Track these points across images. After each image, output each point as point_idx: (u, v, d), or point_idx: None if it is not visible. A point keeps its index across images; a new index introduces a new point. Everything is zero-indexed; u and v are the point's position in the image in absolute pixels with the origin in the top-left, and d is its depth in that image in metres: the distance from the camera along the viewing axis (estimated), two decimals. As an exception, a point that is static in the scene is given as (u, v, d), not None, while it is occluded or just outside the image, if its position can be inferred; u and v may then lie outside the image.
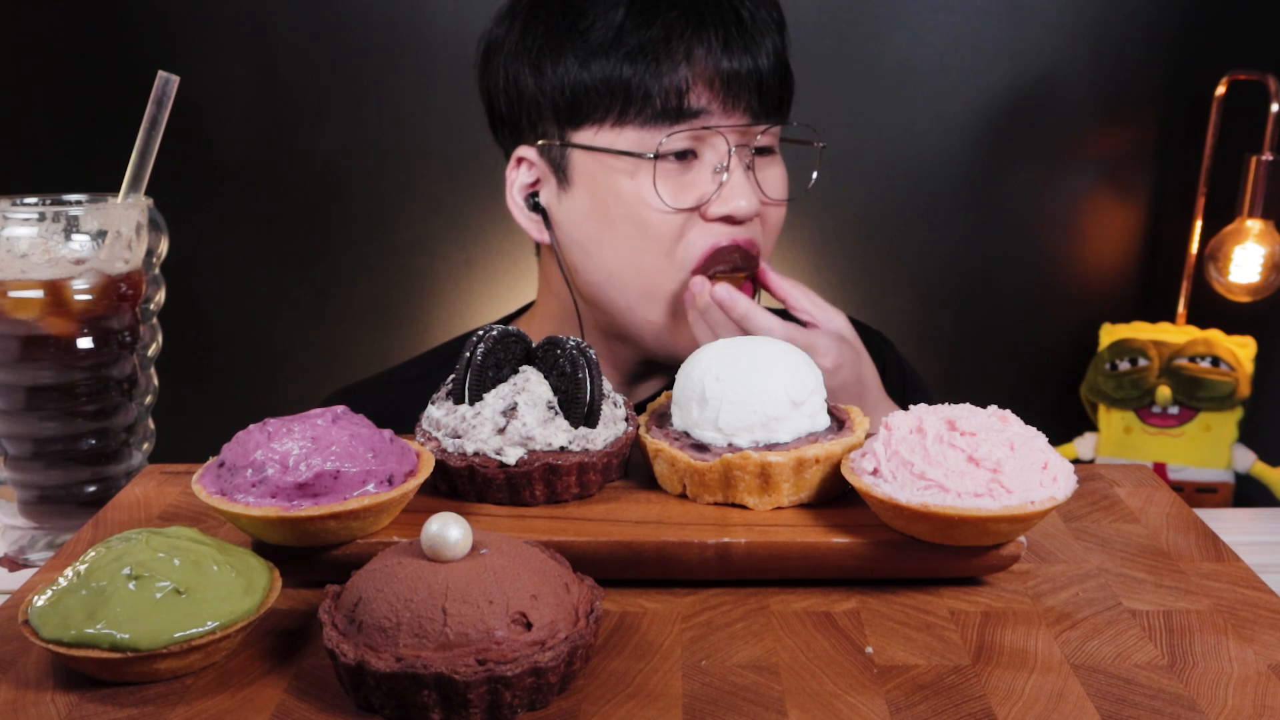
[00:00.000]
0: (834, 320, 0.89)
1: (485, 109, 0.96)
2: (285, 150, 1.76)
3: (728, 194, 0.86)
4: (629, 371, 0.99)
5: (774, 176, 0.92)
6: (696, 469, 0.57)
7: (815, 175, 0.95)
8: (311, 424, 0.54)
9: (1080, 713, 0.44)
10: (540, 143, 0.90)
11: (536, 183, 0.93)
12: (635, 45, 0.84)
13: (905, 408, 0.58)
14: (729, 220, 0.87)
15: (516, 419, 0.57)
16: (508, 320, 1.07)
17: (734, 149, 0.86)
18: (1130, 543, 0.61)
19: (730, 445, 0.58)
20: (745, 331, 0.84)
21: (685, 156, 0.87)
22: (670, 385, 0.99)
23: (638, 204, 0.87)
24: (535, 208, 0.93)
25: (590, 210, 0.89)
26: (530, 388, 0.59)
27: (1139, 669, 0.48)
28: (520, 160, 0.93)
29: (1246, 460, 1.72)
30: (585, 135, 0.87)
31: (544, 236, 0.93)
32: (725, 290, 0.85)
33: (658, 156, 0.85)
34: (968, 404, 0.56)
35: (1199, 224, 1.73)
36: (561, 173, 0.90)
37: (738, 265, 0.88)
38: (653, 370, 1.00)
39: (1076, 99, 1.74)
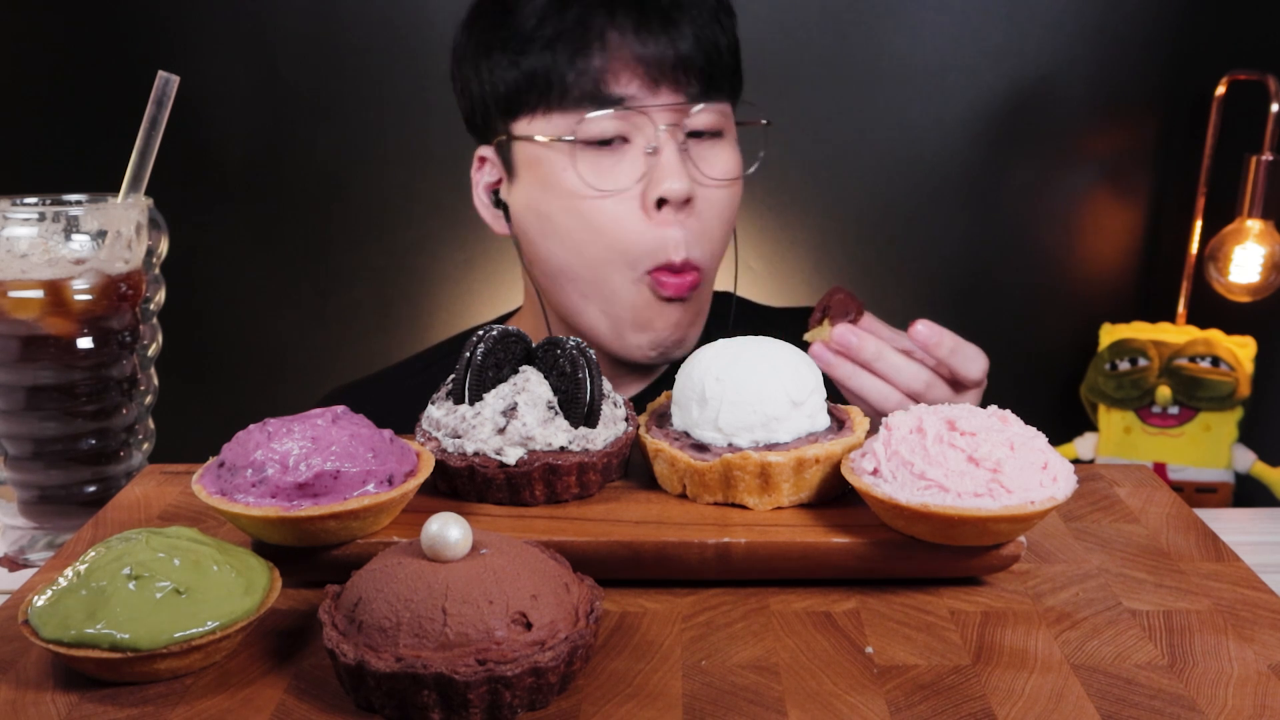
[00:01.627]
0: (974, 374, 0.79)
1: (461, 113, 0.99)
2: (285, 150, 1.76)
3: (658, 175, 0.86)
4: (610, 363, 0.99)
5: (717, 157, 0.90)
6: (696, 469, 0.57)
7: (762, 155, 0.93)
8: (311, 424, 0.54)
9: (1080, 713, 0.44)
10: (497, 141, 0.93)
11: (499, 180, 0.95)
12: (553, 33, 0.85)
13: None
14: (665, 204, 0.86)
15: (516, 419, 0.57)
16: (502, 321, 1.07)
17: (662, 130, 0.86)
18: (1130, 543, 0.61)
19: (730, 445, 0.58)
20: (879, 374, 0.75)
21: (613, 143, 0.87)
22: (656, 386, 1.00)
23: (570, 191, 0.87)
24: (499, 204, 0.96)
25: (531, 201, 0.91)
26: (530, 388, 0.59)
27: (1139, 669, 0.48)
28: (482, 160, 0.96)
29: (1246, 460, 1.72)
30: (520, 126, 0.89)
31: (505, 230, 0.96)
32: (851, 333, 0.75)
33: (577, 140, 0.86)
34: (968, 404, 0.56)
35: (1199, 224, 1.73)
36: (509, 167, 0.92)
37: (857, 315, 0.78)
38: (623, 372, 0.99)
39: (1076, 99, 1.74)
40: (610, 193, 0.87)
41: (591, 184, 0.86)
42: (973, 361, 0.77)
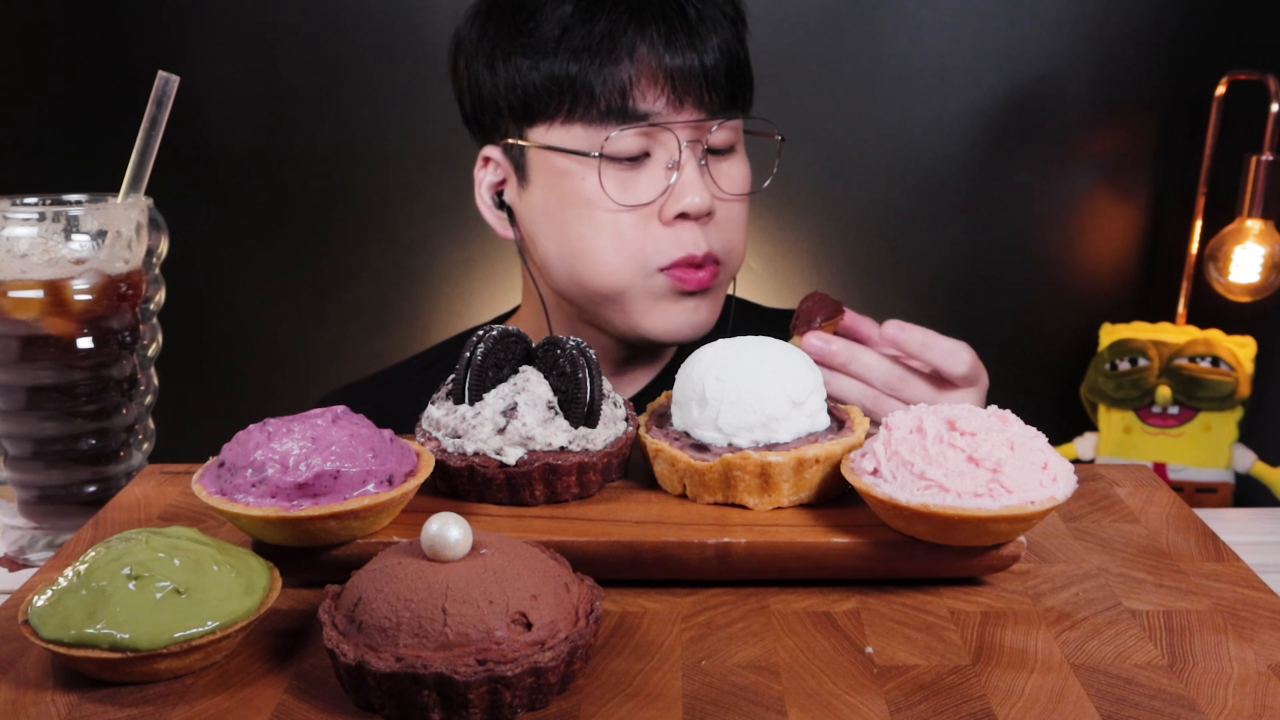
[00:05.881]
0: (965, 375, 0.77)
1: (458, 107, 0.97)
2: (285, 150, 1.76)
3: (679, 190, 0.86)
4: (613, 359, 0.99)
5: (732, 172, 0.90)
6: (696, 469, 0.57)
7: (775, 170, 0.94)
8: (311, 424, 0.54)
9: (1080, 713, 0.44)
10: (504, 142, 0.91)
11: (503, 181, 0.94)
12: (580, 42, 0.84)
13: None
14: (685, 218, 0.86)
15: (516, 419, 0.57)
16: (500, 321, 1.07)
17: (684, 145, 0.86)
18: (1130, 543, 0.61)
19: (730, 445, 0.58)
20: (854, 376, 0.76)
21: (638, 159, 0.86)
22: (659, 376, 1.00)
23: (589, 202, 0.87)
24: (502, 205, 0.95)
25: (546, 208, 0.90)
26: (530, 388, 0.59)
27: (1139, 669, 0.48)
28: (487, 160, 0.94)
29: (1246, 460, 1.72)
30: (538, 133, 0.88)
31: (509, 233, 0.95)
32: (819, 339, 0.75)
33: (603, 156, 0.85)
34: (968, 404, 0.56)
35: (1199, 224, 1.73)
36: (521, 170, 0.91)
37: (832, 313, 0.78)
38: (637, 356, 0.99)
39: (1076, 99, 1.74)
40: (632, 207, 0.86)
41: (614, 198, 0.86)
42: (952, 355, 0.76)
